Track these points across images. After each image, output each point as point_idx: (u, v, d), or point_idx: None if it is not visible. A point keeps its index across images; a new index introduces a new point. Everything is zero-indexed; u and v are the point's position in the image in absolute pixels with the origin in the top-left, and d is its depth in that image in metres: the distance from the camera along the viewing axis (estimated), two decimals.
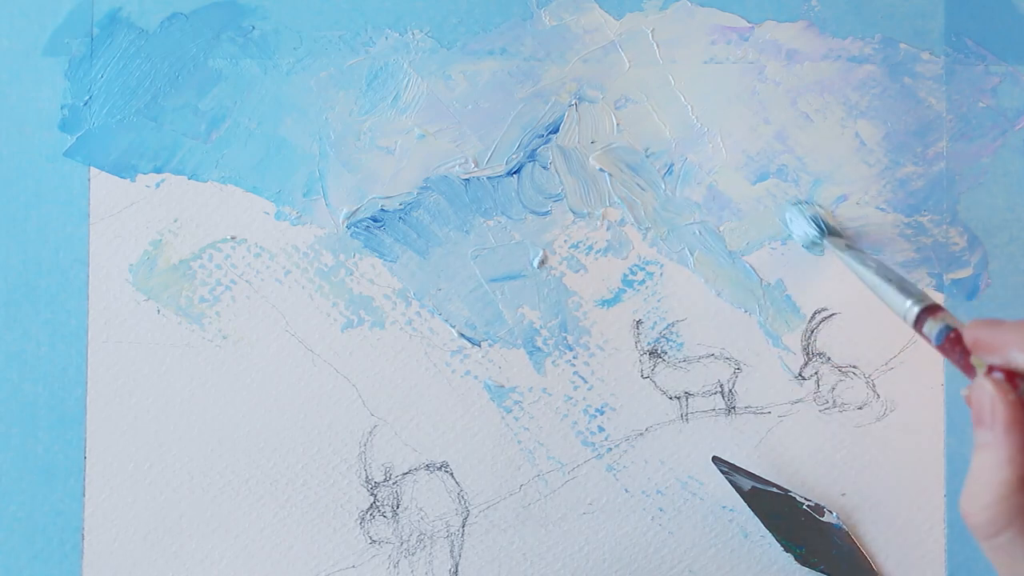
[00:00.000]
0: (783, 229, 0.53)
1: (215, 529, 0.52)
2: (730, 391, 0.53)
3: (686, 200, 0.53)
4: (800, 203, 0.52)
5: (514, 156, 0.53)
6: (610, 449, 0.53)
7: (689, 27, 0.53)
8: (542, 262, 0.53)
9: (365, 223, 0.53)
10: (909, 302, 0.45)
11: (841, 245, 0.50)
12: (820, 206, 0.52)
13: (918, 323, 0.44)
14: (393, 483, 0.53)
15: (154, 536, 0.52)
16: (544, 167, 0.53)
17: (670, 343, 0.53)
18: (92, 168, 0.53)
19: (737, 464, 0.52)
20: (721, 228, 0.53)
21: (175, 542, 0.52)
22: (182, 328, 0.53)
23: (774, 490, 0.51)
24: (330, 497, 0.52)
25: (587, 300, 0.53)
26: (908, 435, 0.53)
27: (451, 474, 0.53)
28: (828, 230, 0.51)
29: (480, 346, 0.53)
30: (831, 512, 0.52)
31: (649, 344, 0.53)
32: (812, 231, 0.51)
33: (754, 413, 0.53)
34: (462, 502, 0.53)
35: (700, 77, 0.53)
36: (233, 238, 0.53)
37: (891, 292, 0.46)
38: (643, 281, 0.53)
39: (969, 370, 0.41)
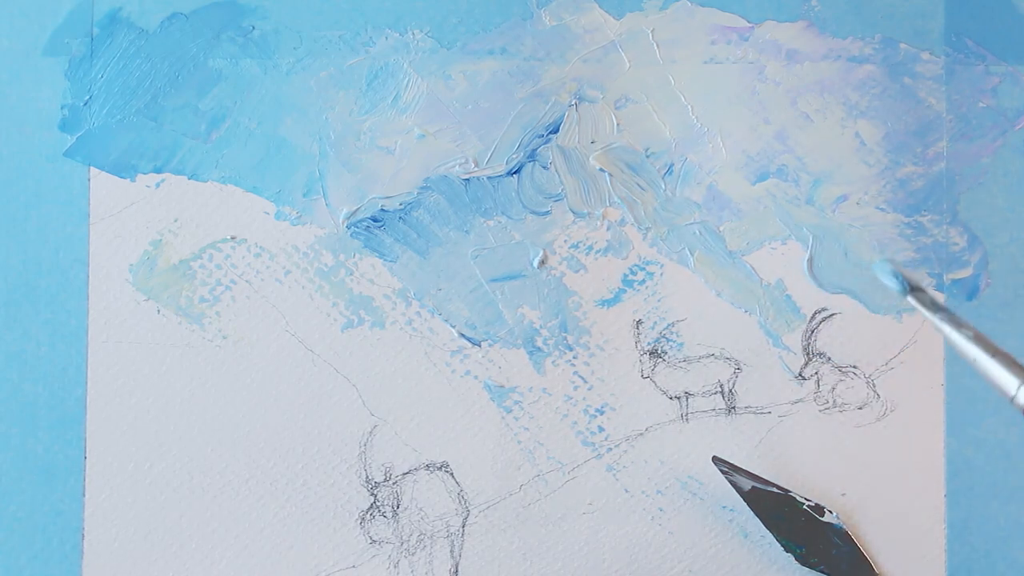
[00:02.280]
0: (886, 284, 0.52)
1: (215, 529, 0.52)
2: (730, 391, 0.53)
3: (686, 200, 0.53)
4: (886, 260, 0.51)
5: (514, 156, 0.53)
6: (610, 449, 0.53)
7: (689, 27, 0.53)
8: (542, 262, 0.53)
9: (365, 223, 0.53)
10: (1019, 383, 0.44)
11: (929, 304, 0.49)
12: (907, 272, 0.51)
13: None
14: (393, 483, 0.53)
15: (154, 536, 0.52)
16: (544, 167, 0.53)
17: (670, 343, 0.53)
18: (92, 168, 0.53)
19: (737, 464, 0.52)
20: (721, 228, 0.53)
21: (175, 542, 0.52)
22: (182, 328, 0.53)
23: (774, 490, 0.52)
24: (330, 497, 0.52)
25: (587, 300, 0.53)
26: (908, 435, 0.53)
27: (451, 474, 0.53)
28: (910, 287, 0.49)
29: (480, 346, 0.53)
30: (831, 512, 0.52)
31: (649, 344, 0.53)
32: (895, 287, 0.50)
33: (754, 413, 0.53)
34: (462, 502, 0.53)
35: (700, 77, 0.53)
36: (233, 238, 0.53)
37: (995, 368, 0.45)
38: (643, 281, 0.53)
39: None
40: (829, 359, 0.53)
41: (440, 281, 0.53)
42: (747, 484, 0.52)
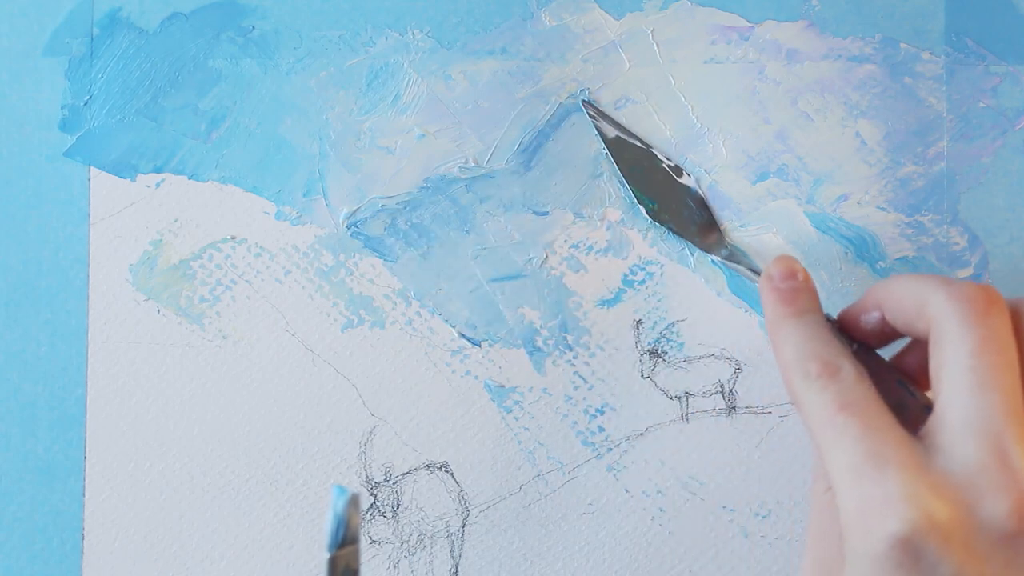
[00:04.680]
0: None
1: (215, 529, 0.52)
2: (731, 391, 0.53)
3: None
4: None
5: (514, 156, 0.53)
6: (610, 449, 0.53)
7: (689, 27, 0.53)
8: (542, 262, 0.53)
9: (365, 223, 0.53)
10: None
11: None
12: None
13: None
14: (393, 483, 0.53)
15: (154, 536, 0.52)
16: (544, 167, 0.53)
17: (670, 343, 0.53)
18: (92, 168, 0.53)
19: (607, 113, 0.53)
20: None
21: (175, 542, 0.52)
22: (182, 328, 0.53)
23: (637, 143, 0.52)
24: (330, 497, 0.52)
25: (587, 300, 0.53)
26: None
27: (451, 474, 0.53)
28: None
29: (480, 346, 0.53)
30: (690, 175, 0.52)
31: (649, 344, 0.53)
32: None
33: (755, 413, 0.53)
34: (462, 502, 0.53)
35: (700, 77, 0.53)
36: (233, 238, 0.53)
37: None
38: (643, 281, 0.53)
39: None
40: None
41: (440, 281, 0.53)
42: (612, 132, 0.52)
